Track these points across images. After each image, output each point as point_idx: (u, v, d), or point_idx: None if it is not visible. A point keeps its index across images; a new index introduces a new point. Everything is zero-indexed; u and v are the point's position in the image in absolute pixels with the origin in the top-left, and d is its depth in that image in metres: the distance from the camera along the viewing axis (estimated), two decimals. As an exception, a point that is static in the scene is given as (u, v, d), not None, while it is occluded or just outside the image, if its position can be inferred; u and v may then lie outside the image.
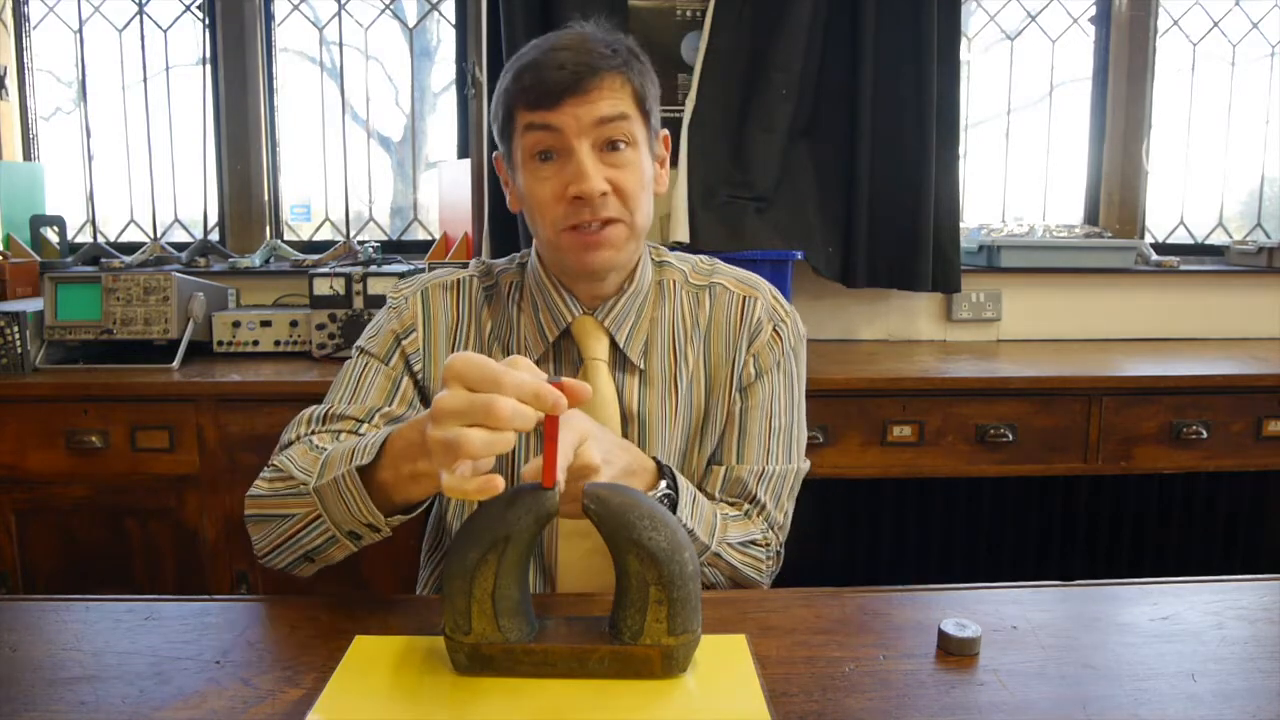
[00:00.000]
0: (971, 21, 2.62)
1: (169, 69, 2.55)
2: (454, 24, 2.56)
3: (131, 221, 2.61)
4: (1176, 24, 2.67)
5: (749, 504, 1.07)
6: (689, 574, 0.73)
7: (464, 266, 1.13)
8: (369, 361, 1.05)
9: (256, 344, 2.08)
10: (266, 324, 2.09)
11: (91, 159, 2.56)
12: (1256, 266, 2.54)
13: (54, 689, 0.72)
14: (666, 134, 1.08)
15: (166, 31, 2.54)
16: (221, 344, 2.07)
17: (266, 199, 2.59)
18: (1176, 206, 2.76)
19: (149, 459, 1.83)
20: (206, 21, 2.52)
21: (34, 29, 2.54)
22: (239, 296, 2.29)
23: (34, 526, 1.84)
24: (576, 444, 0.77)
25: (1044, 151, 2.70)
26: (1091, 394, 1.97)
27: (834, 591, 0.93)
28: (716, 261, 1.15)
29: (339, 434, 0.98)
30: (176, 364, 1.92)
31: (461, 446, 0.67)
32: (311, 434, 0.98)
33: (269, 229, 2.60)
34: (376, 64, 2.63)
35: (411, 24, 2.61)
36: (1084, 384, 1.97)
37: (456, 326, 1.08)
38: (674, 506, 0.94)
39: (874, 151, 2.27)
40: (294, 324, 2.09)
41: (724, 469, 1.08)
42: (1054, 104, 2.70)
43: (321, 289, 2.05)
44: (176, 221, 2.61)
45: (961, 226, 2.37)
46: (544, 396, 0.69)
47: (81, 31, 2.52)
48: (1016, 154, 2.70)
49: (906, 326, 2.50)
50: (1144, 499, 2.58)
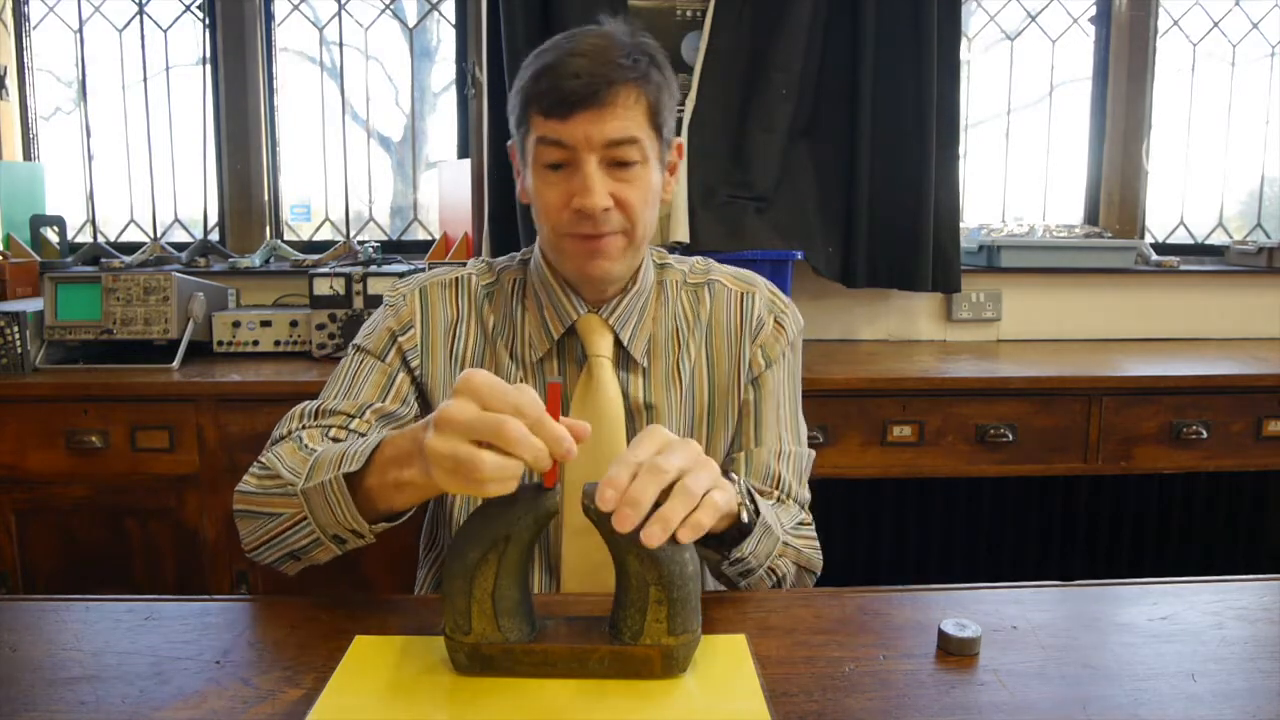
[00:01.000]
0: (971, 21, 2.62)
1: (169, 69, 2.55)
2: (454, 24, 2.56)
3: (131, 221, 2.61)
4: (1176, 24, 2.67)
5: (778, 490, 1.08)
6: (689, 574, 0.73)
7: (463, 266, 1.13)
8: (364, 358, 1.06)
9: (256, 344, 2.08)
10: (266, 324, 2.09)
11: (91, 159, 2.56)
12: (1256, 267, 2.54)
13: (54, 689, 0.72)
14: (681, 142, 1.09)
15: (166, 31, 2.54)
16: (221, 344, 2.07)
17: (266, 199, 2.59)
18: (1176, 207, 2.76)
19: (149, 459, 1.83)
20: (206, 21, 2.51)
21: (34, 29, 2.54)
22: (239, 296, 2.29)
23: (34, 526, 1.84)
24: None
25: (1044, 151, 2.70)
26: (1091, 394, 1.97)
27: (834, 591, 0.93)
28: (711, 261, 1.17)
29: (329, 429, 0.99)
30: (176, 364, 1.92)
31: (475, 468, 0.68)
32: (303, 429, 0.99)
33: (269, 229, 2.60)
34: (376, 64, 2.63)
35: (411, 24, 2.61)
36: (1084, 384, 1.97)
37: (456, 323, 1.08)
38: (756, 512, 0.90)
39: (874, 151, 2.26)
40: (294, 324, 2.09)
41: (744, 454, 1.09)
42: (1054, 104, 2.69)
43: (321, 289, 2.05)
44: (176, 221, 2.61)
45: (961, 226, 2.37)
46: (560, 440, 0.68)
47: (81, 31, 2.52)
48: (1016, 154, 2.70)
49: (906, 326, 2.50)
50: (1144, 499, 2.58)
